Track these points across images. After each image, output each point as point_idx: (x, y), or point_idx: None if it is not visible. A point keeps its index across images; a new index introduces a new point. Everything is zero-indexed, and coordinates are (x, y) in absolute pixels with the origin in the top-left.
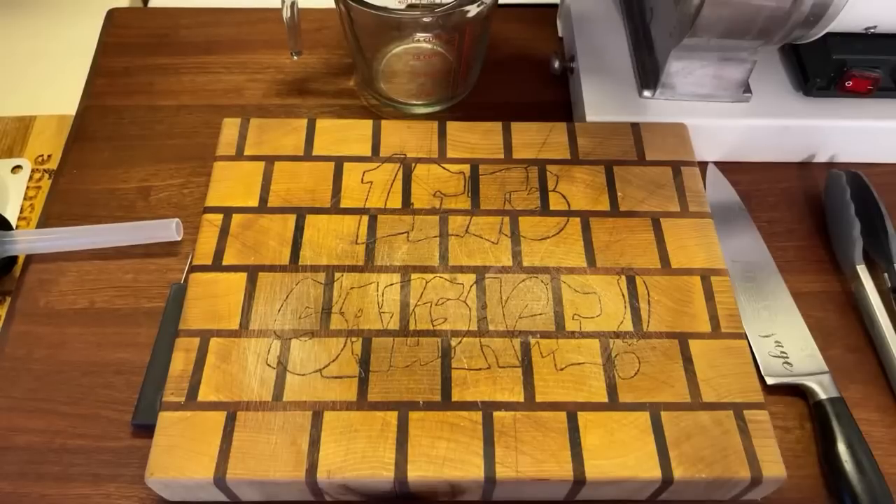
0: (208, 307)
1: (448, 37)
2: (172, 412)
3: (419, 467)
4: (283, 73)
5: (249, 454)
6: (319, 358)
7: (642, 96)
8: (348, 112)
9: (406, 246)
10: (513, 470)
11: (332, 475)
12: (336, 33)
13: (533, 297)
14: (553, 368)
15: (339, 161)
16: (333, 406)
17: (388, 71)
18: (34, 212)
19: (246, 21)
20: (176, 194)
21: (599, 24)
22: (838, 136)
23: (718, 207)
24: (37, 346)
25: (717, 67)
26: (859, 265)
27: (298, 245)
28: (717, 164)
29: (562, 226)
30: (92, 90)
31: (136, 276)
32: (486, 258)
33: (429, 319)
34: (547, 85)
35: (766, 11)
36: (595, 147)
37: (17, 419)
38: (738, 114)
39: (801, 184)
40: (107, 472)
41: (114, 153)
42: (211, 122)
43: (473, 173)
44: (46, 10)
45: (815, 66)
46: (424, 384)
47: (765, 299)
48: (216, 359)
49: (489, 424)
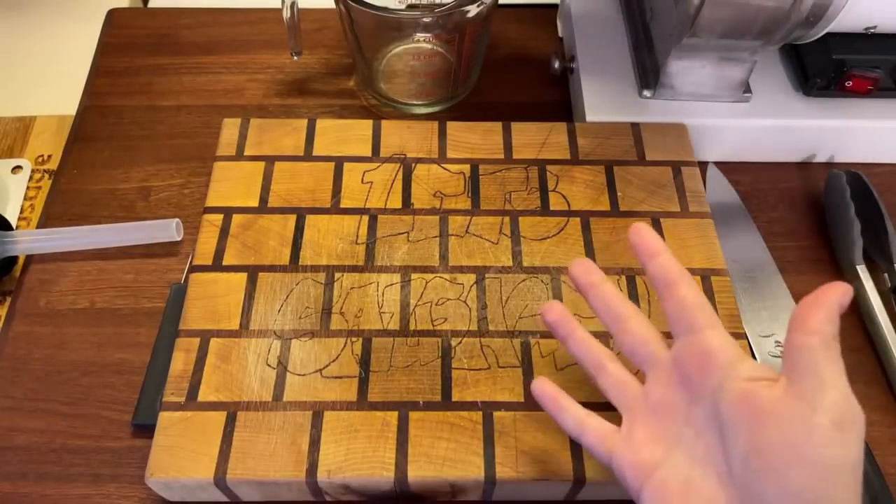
0: (208, 307)
1: (448, 37)
2: (172, 412)
3: (419, 467)
4: (283, 73)
5: (249, 454)
6: (319, 358)
7: (642, 96)
8: (348, 112)
9: (406, 246)
10: (513, 470)
11: (332, 475)
12: (336, 33)
13: (533, 297)
14: (553, 368)
15: (339, 161)
16: (333, 406)
17: (388, 71)
18: (34, 212)
19: (246, 21)
20: (176, 194)
21: (599, 24)
22: (838, 136)
23: (718, 207)
24: (37, 346)
25: (717, 67)
26: (859, 265)
27: (298, 245)
28: (717, 164)
29: (562, 226)
30: (92, 90)
31: (136, 276)
32: (486, 258)
33: (429, 319)
34: (547, 85)
35: (766, 11)
36: (595, 147)
37: (17, 419)
38: (738, 114)
39: (801, 184)
40: (107, 472)
41: (114, 153)
42: (211, 122)
43: (473, 173)
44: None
45: (815, 66)
46: (424, 384)
47: (765, 299)
48: (216, 359)
49: (489, 424)
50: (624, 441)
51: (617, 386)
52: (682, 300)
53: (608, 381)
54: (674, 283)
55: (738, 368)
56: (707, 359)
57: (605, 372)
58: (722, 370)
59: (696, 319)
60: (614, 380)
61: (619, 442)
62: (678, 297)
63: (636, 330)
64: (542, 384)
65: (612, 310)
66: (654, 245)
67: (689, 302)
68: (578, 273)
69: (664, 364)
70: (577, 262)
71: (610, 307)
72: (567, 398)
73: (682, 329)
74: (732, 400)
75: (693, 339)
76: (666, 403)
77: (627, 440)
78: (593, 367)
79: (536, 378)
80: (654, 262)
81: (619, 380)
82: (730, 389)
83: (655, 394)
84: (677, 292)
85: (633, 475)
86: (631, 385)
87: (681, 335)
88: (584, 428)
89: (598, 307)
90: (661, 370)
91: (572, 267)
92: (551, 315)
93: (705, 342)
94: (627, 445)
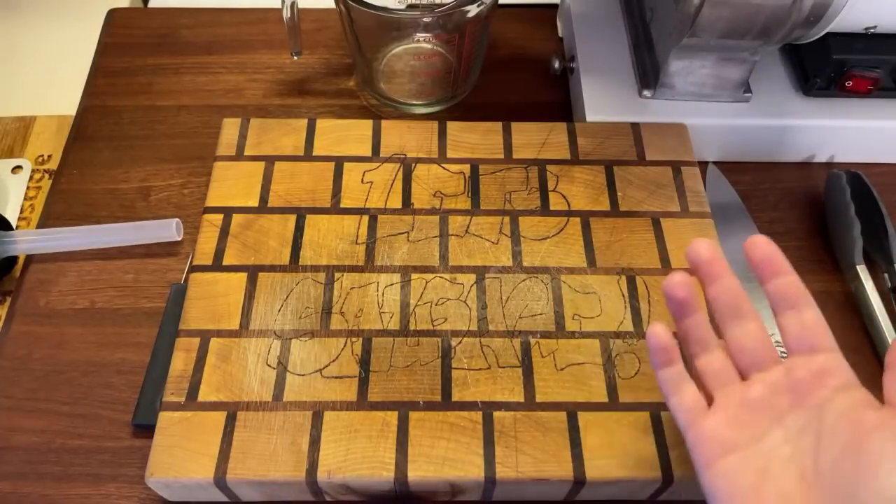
0: (208, 307)
1: (448, 37)
2: (172, 412)
3: (419, 467)
4: (283, 73)
5: (249, 454)
6: (319, 358)
7: (642, 96)
8: (348, 112)
9: (406, 246)
10: (513, 470)
11: (332, 475)
12: (336, 33)
13: (533, 297)
14: (553, 368)
15: (339, 161)
16: (333, 406)
17: (388, 71)
18: (34, 212)
19: (246, 21)
20: (176, 194)
21: (599, 24)
22: (838, 136)
23: (718, 207)
24: (37, 346)
25: (717, 67)
26: (859, 265)
27: (298, 245)
28: (717, 164)
29: (562, 226)
30: (92, 90)
31: (136, 276)
32: (486, 258)
33: (429, 319)
34: (547, 85)
35: (766, 11)
36: (595, 147)
37: (17, 419)
38: (738, 114)
39: (801, 184)
40: (107, 472)
41: (114, 153)
42: (211, 122)
43: (473, 173)
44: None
45: (815, 66)
46: (424, 384)
47: (765, 299)
48: (216, 359)
49: (489, 424)
50: (710, 415)
51: (719, 370)
52: (806, 321)
53: (713, 363)
54: (800, 305)
55: (852, 392)
56: (824, 377)
57: (711, 355)
58: (835, 389)
59: (821, 342)
60: (719, 364)
61: (705, 414)
62: (803, 318)
63: (755, 331)
64: (661, 331)
65: (734, 307)
66: (778, 263)
67: (814, 324)
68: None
69: (773, 369)
70: (701, 246)
71: (730, 303)
72: (678, 354)
73: (802, 348)
74: (840, 412)
75: (815, 358)
76: (764, 401)
77: (713, 415)
78: (699, 346)
79: (655, 323)
80: (779, 281)
81: (724, 366)
82: (839, 404)
83: (756, 391)
84: (803, 314)
85: (708, 449)
86: (732, 374)
87: (800, 353)
88: (679, 390)
89: (717, 298)
90: (769, 373)
91: (696, 249)
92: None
93: (827, 363)
94: (712, 419)
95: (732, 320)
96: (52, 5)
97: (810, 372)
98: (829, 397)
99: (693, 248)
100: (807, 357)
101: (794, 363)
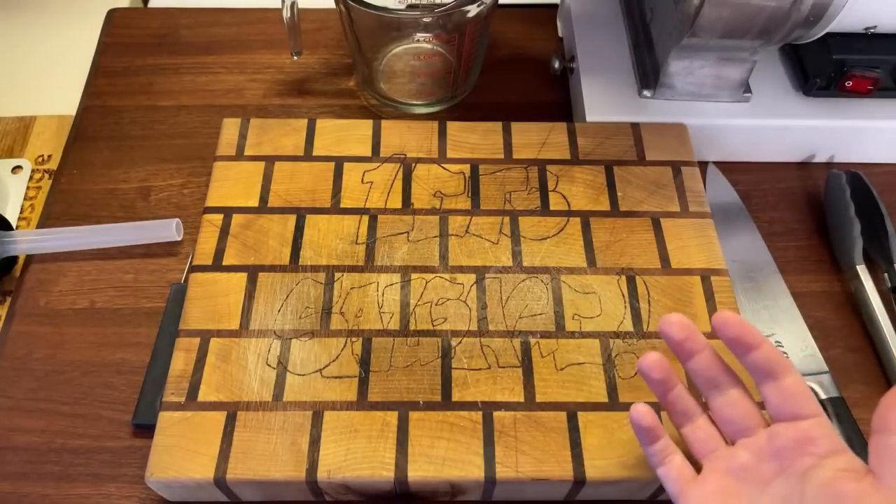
0: (208, 307)
1: (448, 37)
2: (172, 412)
3: (419, 467)
4: (283, 73)
5: (249, 454)
6: (319, 358)
7: (642, 96)
8: (348, 112)
9: (406, 246)
10: (513, 470)
11: (332, 475)
12: (336, 33)
13: (533, 297)
14: (553, 368)
15: (339, 161)
16: (333, 406)
17: (388, 71)
18: (34, 212)
19: (246, 21)
20: (176, 194)
21: (599, 24)
22: (838, 136)
23: (718, 207)
24: (37, 346)
25: (717, 67)
26: (859, 265)
27: (298, 245)
28: (717, 164)
29: (562, 226)
30: (92, 90)
31: (136, 276)
32: (486, 258)
33: (429, 319)
34: (547, 85)
35: (766, 11)
36: (595, 147)
37: (17, 419)
38: (738, 114)
39: (801, 184)
40: (107, 472)
41: (114, 153)
42: (211, 122)
43: (473, 173)
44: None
45: (815, 66)
46: (424, 384)
47: (765, 299)
48: (216, 359)
49: (489, 424)
50: (698, 484)
51: (704, 439)
52: (785, 389)
53: (697, 433)
54: (778, 374)
55: (835, 459)
56: (807, 444)
57: (694, 424)
58: (818, 457)
59: (802, 409)
60: (704, 433)
61: (694, 483)
62: (782, 387)
63: (737, 400)
64: (644, 412)
65: (713, 379)
66: (751, 338)
67: (795, 391)
68: (678, 338)
69: (757, 434)
70: (675, 324)
71: (710, 375)
72: (663, 430)
73: (785, 415)
74: (822, 482)
75: (798, 425)
76: (750, 469)
77: (701, 485)
78: (683, 417)
79: (637, 406)
80: (755, 355)
81: (708, 434)
82: (822, 473)
83: (742, 458)
84: (782, 382)
85: None
86: (718, 440)
87: (783, 419)
88: (666, 461)
89: (696, 373)
90: (754, 439)
91: (669, 328)
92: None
93: (810, 430)
94: (699, 489)
95: (714, 390)
96: (52, 5)
97: (793, 440)
98: (813, 465)
99: (666, 326)
100: (790, 424)
101: (778, 430)
